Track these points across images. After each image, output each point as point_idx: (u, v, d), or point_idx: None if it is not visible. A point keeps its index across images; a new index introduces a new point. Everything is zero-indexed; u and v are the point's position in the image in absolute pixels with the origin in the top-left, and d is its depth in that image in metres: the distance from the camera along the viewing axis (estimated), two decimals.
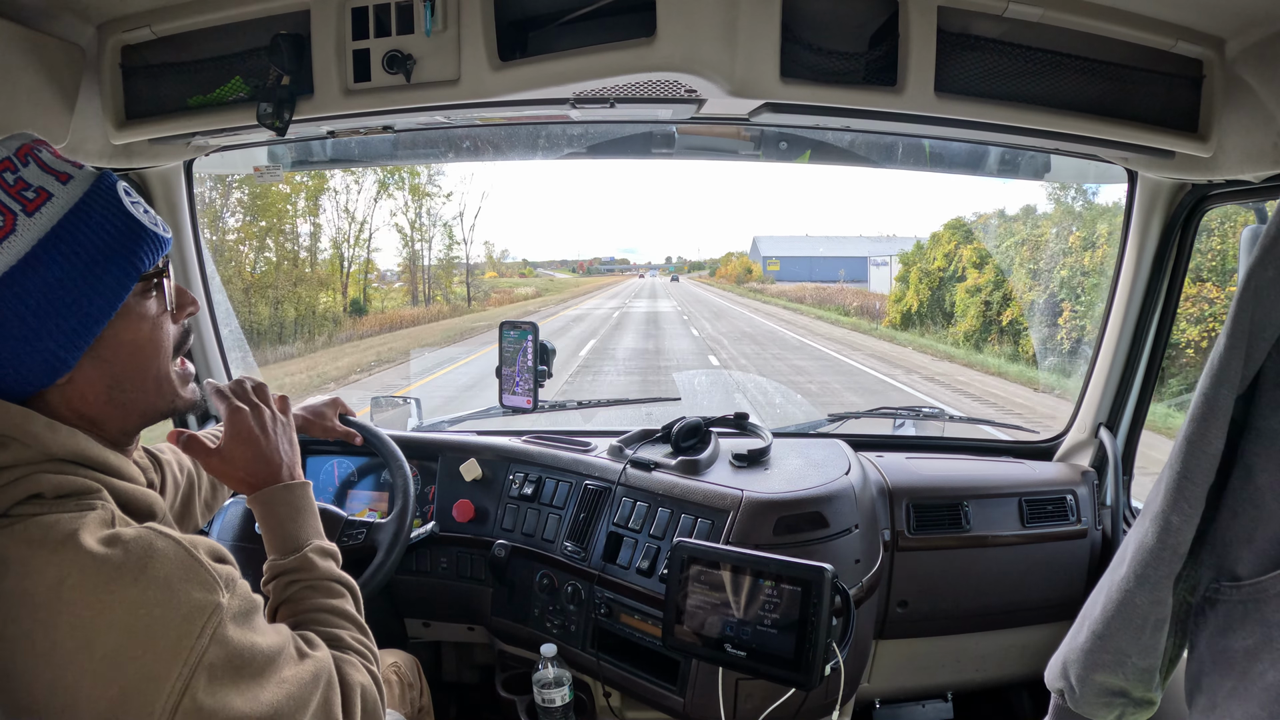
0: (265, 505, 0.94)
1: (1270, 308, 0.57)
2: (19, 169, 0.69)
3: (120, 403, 0.77)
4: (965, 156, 1.69)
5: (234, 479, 0.96)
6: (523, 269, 66.48)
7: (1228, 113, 1.15)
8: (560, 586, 1.55)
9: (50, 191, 0.70)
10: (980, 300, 15.20)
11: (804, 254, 48.93)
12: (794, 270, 47.79)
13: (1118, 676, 0.71)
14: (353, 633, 0.89)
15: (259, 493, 0.95)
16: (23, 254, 0.67)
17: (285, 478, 0.96)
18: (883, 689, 1.82)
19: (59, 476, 0.68)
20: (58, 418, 0.72)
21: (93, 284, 0.70)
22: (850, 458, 1.61)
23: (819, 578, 1.04)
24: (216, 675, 0.65)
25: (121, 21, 1.20)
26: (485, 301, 29.29)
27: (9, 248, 0.67)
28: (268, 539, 0.94)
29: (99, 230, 0.71)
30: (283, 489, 0.95)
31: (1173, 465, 0.63)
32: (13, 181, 0.68)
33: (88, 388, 0.74)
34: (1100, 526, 1.75)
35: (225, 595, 0.68)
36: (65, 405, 0.73)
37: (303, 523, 0.95)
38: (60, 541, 0.63)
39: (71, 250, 0.69)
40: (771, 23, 1.02)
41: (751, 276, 53.99)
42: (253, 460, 0.95)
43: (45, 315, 0.68)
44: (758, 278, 52.58)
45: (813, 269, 44.55)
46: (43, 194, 0.69)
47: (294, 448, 1.01)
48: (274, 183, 2.81)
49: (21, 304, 0.67)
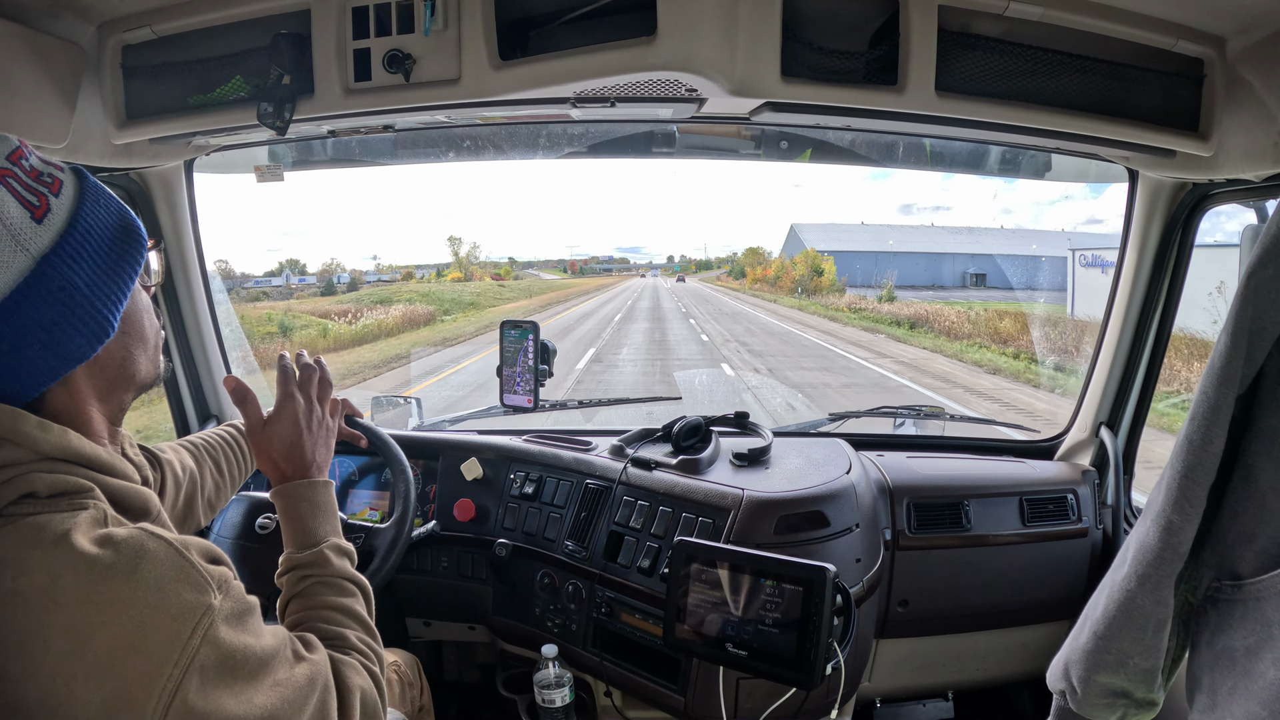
0: (288, 499, 0.99)
1: (1270, 306, 0.57)
2: (28, 156, 0.72)
3: (128, 372, 0.79)
4: (966, 156, 1.69)
5: (266, 459, 1.02)
6: (498, 268, 62.68)
7: (1228, 112, 1.15)
8: (561, 586, 1.55)
9: (60, 179, 0.73)
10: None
11: (868, 248, 36.30)
12: (851, 268, 34.95)
13: (1120, 677, 0.71)
14: (358, 633, 0.90)
15: (284, 485, 1.00)
16: (62, 231, 0.70)
17: (315, 475, 1.02)
18: (883, 688, 1.82)
19: (52, 475, 0.68)
20: (70, 404, 0.73)
21: (121, 256, 0.75)
22: (851, 457, 1.61)
23: (820, 577, 1.04)
24: (209, 677, 0.65)
25: (122, 21, 1.20)
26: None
27: (49, 225, 0.70)
28: (287, 532, 0.98)
29: (108, 211, 0.76)
30: (307, 485, 1.00)
31: (1174, 464, 0.63)
32: (29, 168, 0.71)
33: (109, 359, 0.76)
34: (1101, 526, 1.75)
35: (217, 597, 0.68)
36: (87, 381, 0.74)
37: (323, 519, 0.99)
38: (53, 542, 0.63)
39: (100, 226, 0.74)
40: (772, 22, 1.02)
41: (823, 281, 35.17)
42: (289, 449, 1.01)
43: (96, 285, 0.72)
44: (831, 284, 34.21)
45: (915, 269, 31.24)
46: (56, 180, 0.73)
47: (329, 451, 1.07)
48: (275, 182, 2.80)
49: (76, 275, 0.70)
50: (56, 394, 0.72)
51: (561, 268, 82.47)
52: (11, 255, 0.67)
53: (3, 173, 0.68)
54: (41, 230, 0.69)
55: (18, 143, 0.71)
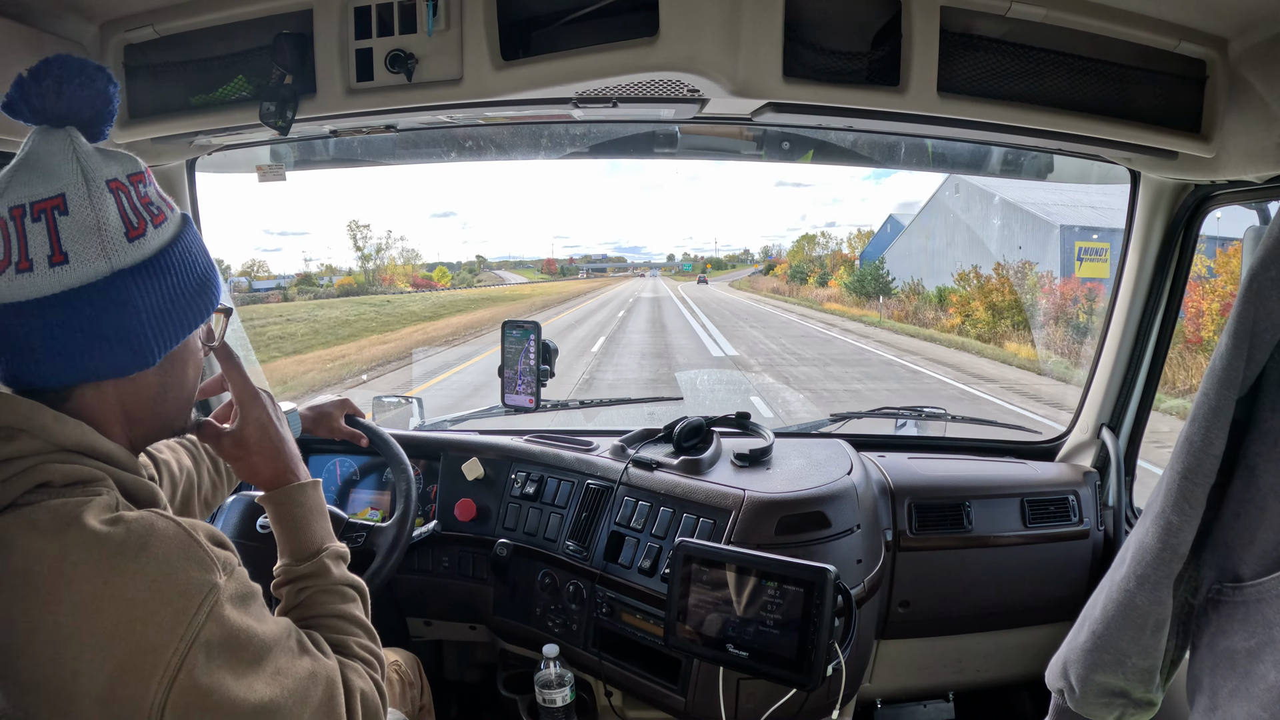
0: (280, 505, 0.95)
1: (1272, 309, 0.57)
2: (148, 185, 0.78)
3: (157, 411, 0.81)
4: (968, 156, 1.69)
5: (247, 466, 0.96)
6: (435, 273, 50.24)
7: (1230, 113, 1.15)
8: (562, 586, 1.55)
9: (167, 215, 0.79)
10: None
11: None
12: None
13: (1118, 677, 0.71)
14: (360, 639, 0.89)
15: (275, 491, 0.95)
16: (148, 257, 0.75)
17: (301, 475, 0.97)
18: (884, 689, 1.82)
19: (66, 466, 0.69)
20: (98, 409, 0.75)
21: (190, 303, 0.79)
22: (852, 457, 1.61)
23: (821, 578, 1.04)
24: (213, 654, 0.66)
25: (124, 21, 1.20)
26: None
27: (139, 247, 0.74)
28: (282, 541, 0.94)
29: (195, 263, 0.81)
30: (297, 489, 0.96)
31: (1174, 466, 0.63)
32: (143, 194, 0.76)
33: (143, 388, 0.78)
34: (1102, 527, 1.74)
35: (222, 577, 0.69)
36: (117, 398, 0.76)
37: (318, 525, 0.96)
38: (65, 524, 0.65)
39: (182, 271, 0.78)
40: (774, 23, 1.02)
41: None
42: (271, 451, 0.96)
43: (155, 316, 0.75)
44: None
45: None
46: (162, 214, 0.78)
47: (294, 444, 1.01)
48: (277, 182, 2.81)
49: (141, 300, 0.74)
50: (85, 393, 0.74)
51: (537, 268, 71.62)
52: (94, 256, 0.71)
53: (117, 185, 0.74)
54: (130, 248, 0.73)
55: (143, 168, 0.78)
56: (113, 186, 0.73)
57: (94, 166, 0.72)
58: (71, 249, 0.70)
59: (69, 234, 0.70)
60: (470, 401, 9.09)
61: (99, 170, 0.72)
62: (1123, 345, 1.69)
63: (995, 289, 18.21)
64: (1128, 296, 1.65)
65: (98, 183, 0.72)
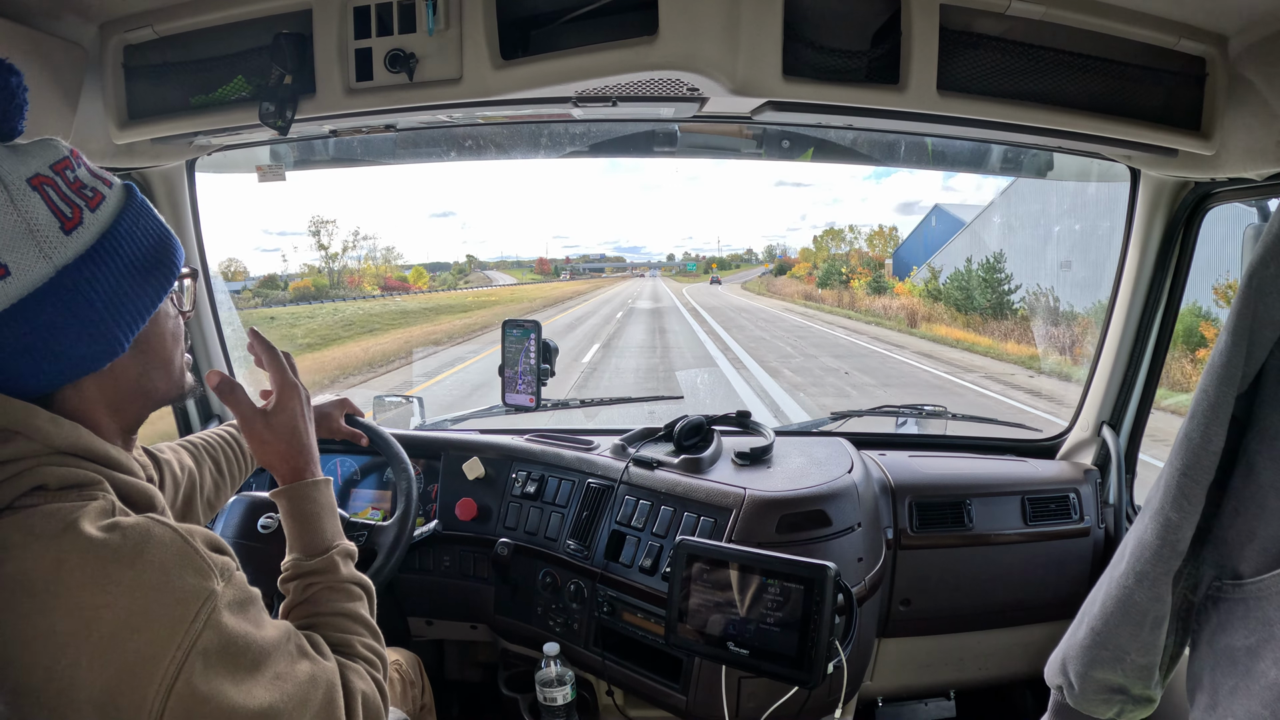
0: (295, 500, 0.96)
1: (1272, 305, 0.57)
2: (76, 168, 0.74)
3: (145, 389, 0.80)
4: (968, 155, 1.69)
5: (271, 453, 0.98)
6: (411, 274, 46.19)
7: (1230, 110, 1.15)
8: (563, 585, 1.55)
9: (103, 194, 0.75)
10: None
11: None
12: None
13: (1116, 673, 0.71)
14: (364, 639, 0.89)
15: (288, 487, 0.97)
16: (90, 245, 0.72)
17: (318, 473, 1.00)
18: (885, 687, 1.82)
19: (62, 469, 0.69)
20: (81, 407, 0.74)
21: (146, 279, 0.76)
22: (853, 456, 1.61)
23: (822, 576, 1.04)
24: (211, 661, 0.66)
25: (124, 21, 1.20)
26: None
27: (78, 238, 0.71)
28: (293, 536, 0.95)
29: (147, 233, 0.77)
30: (313, 485, 0.98)
31: (1173, 462, 0.63)
32: (72, 180, 0.72)
33: (123, 374, 0.77)
34: (1103, 525, 1.74)
35: (220, 583, 0.69)
36: (98, 391, 0.76)
37: (329, 523, 0.97)
38: (61, 529, 0.64)
39: (132, 247, 0.75)
40: (774, 21, 1.02)
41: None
42: (294, 442, 0.98)
43: (112, 303, 0.73)
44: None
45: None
46: (98, 195, 0.74)
47: (315, 443, 1.04)
48: (276, 181, 2.80)
49: (93, 291, 0.71)
50: (67, 395, 0.74)
51: (529, 268, 67.95)
52: (33, 261, 0.68)
53: (41, 179, 0.70)
54: (68, 241, 0.70)
55: (67, 152, 0.74)
56: (35, 183, 0.69)
57: (10, 168, 0.68)
58: (8, 259, 0.67)
59: (1, 245, 0.67)
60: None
61: (15, 170, 0.68)
62: (1123, 343, 1.69)
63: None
64: (1128, 294, 1.65)
65: (17, 184, 0.68)
